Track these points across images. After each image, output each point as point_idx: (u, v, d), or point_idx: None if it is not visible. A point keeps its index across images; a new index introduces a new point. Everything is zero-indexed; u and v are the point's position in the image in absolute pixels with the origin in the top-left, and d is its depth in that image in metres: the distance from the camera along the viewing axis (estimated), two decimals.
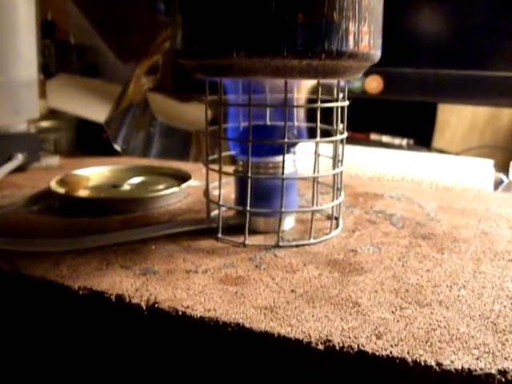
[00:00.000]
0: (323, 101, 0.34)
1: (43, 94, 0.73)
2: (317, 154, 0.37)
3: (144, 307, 0.27)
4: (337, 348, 0.23)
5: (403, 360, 0.22)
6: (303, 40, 0.29)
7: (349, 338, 0.23)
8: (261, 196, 0.36)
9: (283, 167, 0.34)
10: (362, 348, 0.23)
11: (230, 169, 0.38)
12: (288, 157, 0.36)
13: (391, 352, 0.22)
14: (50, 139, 0.70)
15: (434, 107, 0.85)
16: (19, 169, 0.56)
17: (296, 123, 0.39)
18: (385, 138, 0.80)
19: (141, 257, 0.33)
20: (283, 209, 0.35)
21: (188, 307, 0.26)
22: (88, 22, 0.93)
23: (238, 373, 0.26)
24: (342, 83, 0.36)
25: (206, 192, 0.38)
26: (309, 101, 0.37)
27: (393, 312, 0.26)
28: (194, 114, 0.76)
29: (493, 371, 0.21)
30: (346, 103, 0.36)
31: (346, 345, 0.23)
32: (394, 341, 0.23)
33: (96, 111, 0.71)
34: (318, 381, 0.24)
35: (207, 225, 0.37)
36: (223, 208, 0.36)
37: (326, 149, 0.38)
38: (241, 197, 0.37)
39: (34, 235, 0.37)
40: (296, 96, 0.37)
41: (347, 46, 0.30)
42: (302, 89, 0.37)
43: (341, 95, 0.36)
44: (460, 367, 0.21)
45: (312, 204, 0.39)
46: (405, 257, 0.33)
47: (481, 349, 0.23)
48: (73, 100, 0.76)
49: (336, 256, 0.33)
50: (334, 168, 0.37)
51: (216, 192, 0.36)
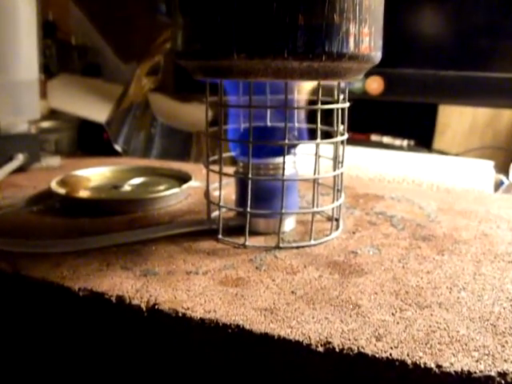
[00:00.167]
0: (324, 102, 0.34)
1: (44, 95, 0.73)
2: (317, 156, 0.37)
3: (144, 308, 0.27)
4: (337, 350, 0.23)
5: (403, 362, 0.22)
6: (304, 42, 0.29)
7: (349, 340, 0.23)
8: (261, 197, 0.36)
9: (284, 168, 0.34)
10: (362, 350, 0.23)
11: (231, 170, 0.38)
12: (288, 158, 0.36)
13: (391, 354, 0.22)
14: (51, 139, 0.70)
15: (435, 108, 0.85)
16: (20, 169, 0.56)
17: (296, 124, 0.39)
18: (385, 139, 0.80)
19: (141, 258, 0.33)
20: (283, 210, 0.35)
21: (188, 308, 0.26)
22: (89, 23, 0.94)
23: (238, 374, 0.26)
24: (343, 84, 0.36)
25: (207, 193, 0.38)
26: (309, 102, 0.37)
27: (393, 314, 0.26)
28: (195, 115, 0.76)
29: (492, 373, 0.21)
30: (347, 105, 0.36)
31: (346, 347, 0.23)
32: (394, 343, 0.23)
33: (97, 111, 0.71)
34: (318, 382, 0.24)
35: (207, 226, 0.37)
36: (223, 209, 0.37)
37: (327, 150, 0.38)
38: (241, 198, 0.37)
39: (35, 236, 0.37)
40: (296, 97, 0.37)
41: (348, 48, 0.30)
42: (303, 90, 0.37)
43: (341, 96, 0.36)
44: (460, 369, 0.21)
45: (312, 205, 0.39)
46: (405, 258, 0.33)
47: (480, 351, 0.23)
48: (74, 100, 0.77)
49: (336, 257, 0.33)
50: (335, 169, 0.37)
51: (216, 193, 0.37)
